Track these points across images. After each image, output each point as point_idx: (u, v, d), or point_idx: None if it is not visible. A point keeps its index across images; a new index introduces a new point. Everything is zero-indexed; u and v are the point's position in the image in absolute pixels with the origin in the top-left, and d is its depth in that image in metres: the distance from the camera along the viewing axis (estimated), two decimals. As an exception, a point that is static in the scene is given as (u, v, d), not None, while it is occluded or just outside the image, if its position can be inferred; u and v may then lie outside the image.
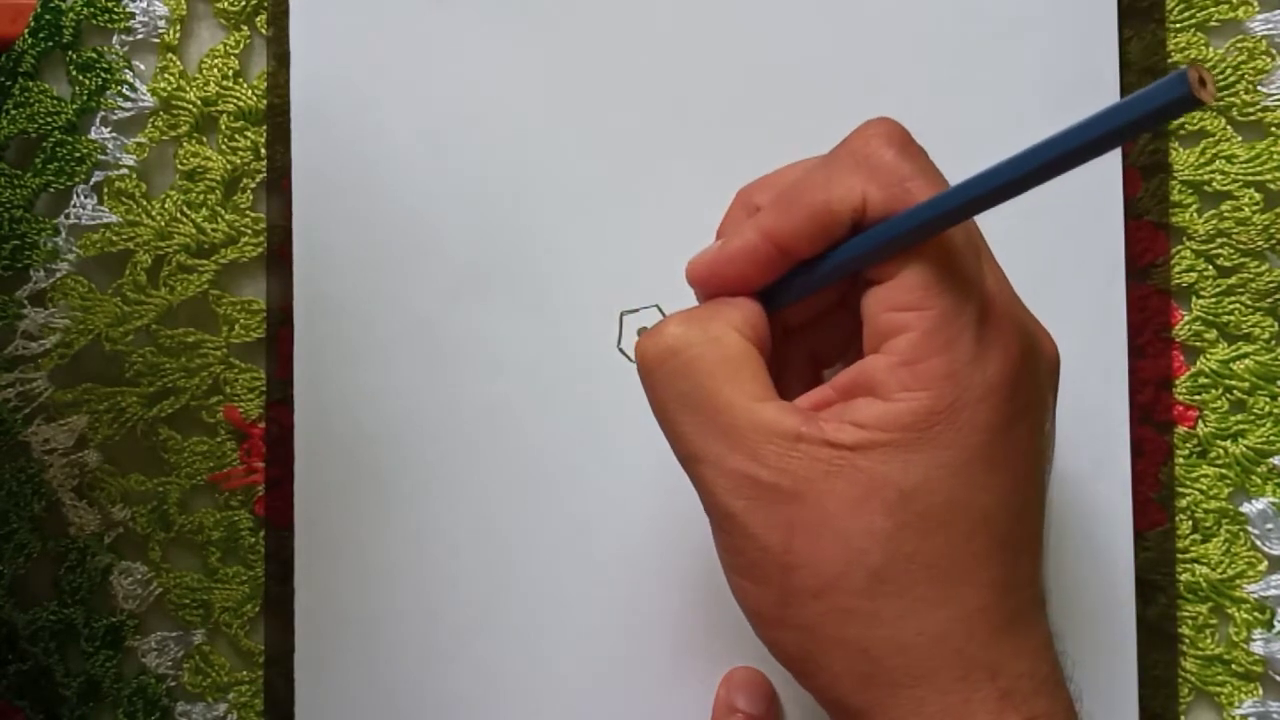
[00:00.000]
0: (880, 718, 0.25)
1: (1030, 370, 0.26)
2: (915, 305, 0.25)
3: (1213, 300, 0.35)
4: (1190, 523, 0.35)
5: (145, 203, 0.36)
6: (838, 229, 0.26)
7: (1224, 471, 0.35)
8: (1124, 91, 0.35)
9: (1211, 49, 0.35)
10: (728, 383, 0.26)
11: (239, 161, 0.36)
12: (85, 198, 0.36)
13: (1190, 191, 0.35)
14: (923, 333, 0.25)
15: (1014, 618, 0.25)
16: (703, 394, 0.26)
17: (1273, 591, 0.34)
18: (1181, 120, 0.35)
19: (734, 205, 0.29)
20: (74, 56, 0.36)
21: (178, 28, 0.36)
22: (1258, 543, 0.35)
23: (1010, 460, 0.25)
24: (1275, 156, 0.35)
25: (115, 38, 0.36)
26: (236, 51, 0.36)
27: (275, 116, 0.35)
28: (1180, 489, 0.35)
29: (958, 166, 0.35)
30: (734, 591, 0.27)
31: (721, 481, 0.26)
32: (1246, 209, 0.35)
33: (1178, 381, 0.35)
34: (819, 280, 0.27)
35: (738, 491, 0.26)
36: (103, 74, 0.36)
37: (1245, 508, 0.35)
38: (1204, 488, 0.35)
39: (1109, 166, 0.34)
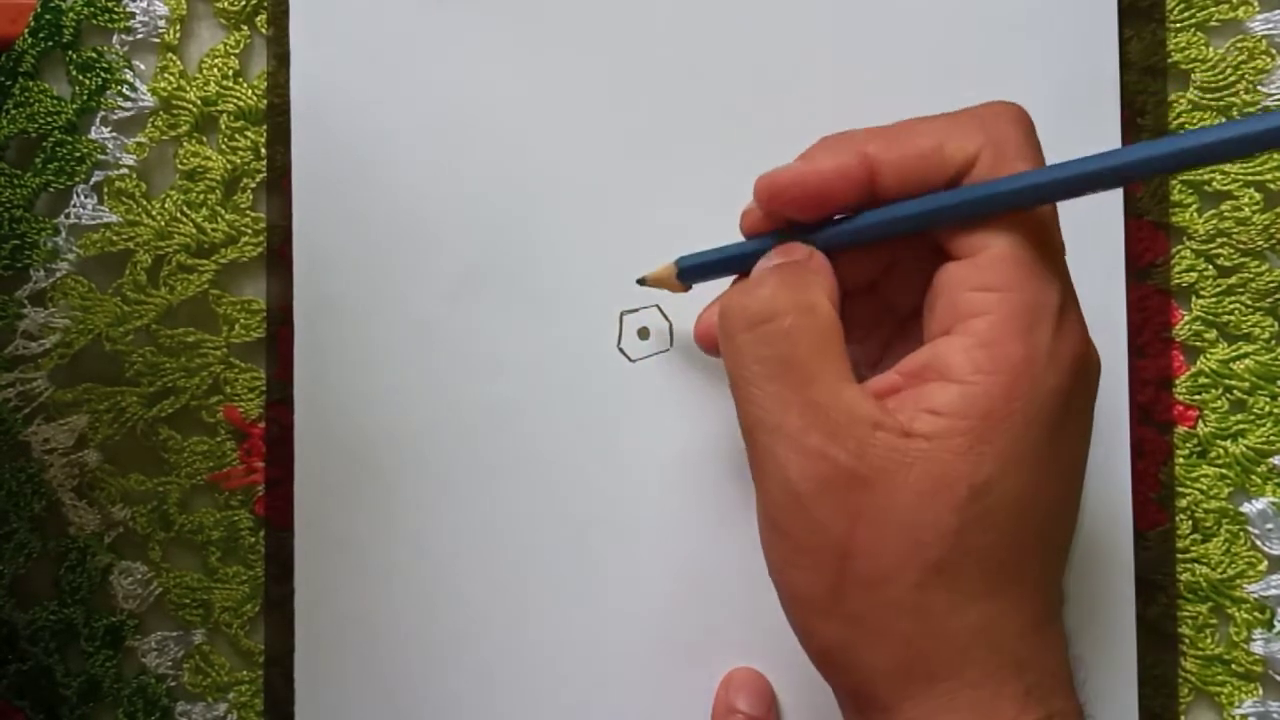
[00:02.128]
0: (910, 711, 0.25)
1: (1090, 372, 0.26)
2: (1000, 286, 0.25)
3: (1213, 300, 0.35)
4: (1190, 523, 0.35)
5: (145, 203, 0.36)
6: (939, 177, 0.25)
7: (1224, 471, 0.35)
8: (1124, 91, 0.35)
9: (1211, 49, 0.35)
10: (819, 357, 0.25)
11: (239, 161, 0.36)
12: (85, 197, 0.36)
13: (1190, 191, 0.35)
14: (1005, 315, 0.24)
15: (1043, 616, 0.25)
16: (793, 364, 0.25)
17: (1273, 591, 0.34)
18: (1181, 120, 0.35)
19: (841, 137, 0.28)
20: (74, 56, 0.36)
21: (178, 27, 0.36)
22: (1258, 543, 0.35)
23: (1063, 459, 0.25)
24: (1275, 156, 0.35)
25: (115, 37, 0.36)
26: (236, 51, 0.36)
27: (275, 116, 0.35)
28: (1180, 489, 0.35)
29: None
30: (778, 576, 0.26)
31: (795, 459, 0.25)
32: (1246, 209, 0.35)
33: (1178, 381, 0.35)
34: (898, 225, 0.26)
35: (811, 471, 0.25)
36: (103, 74, 0.36)
37: (1245, 508, 0.35)
38: (1204, 488, 0.35)
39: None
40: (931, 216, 0.26)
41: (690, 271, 0.31)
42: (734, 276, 0.29)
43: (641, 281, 0.32)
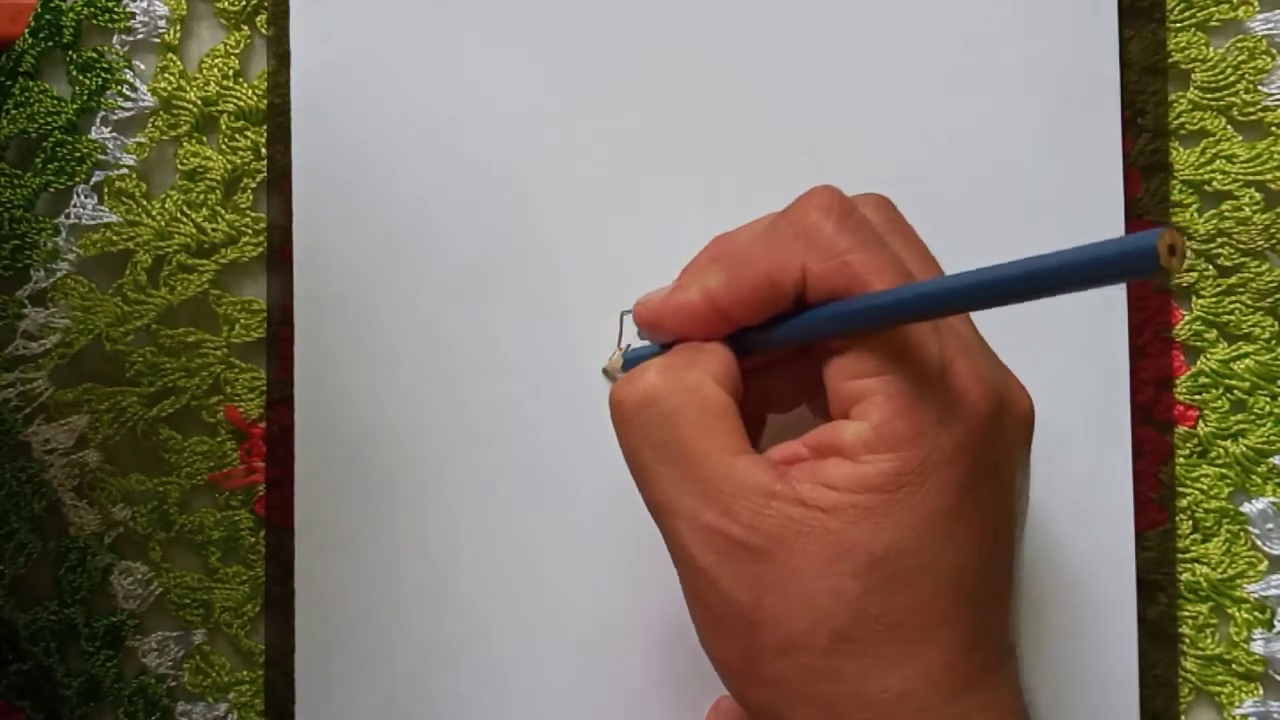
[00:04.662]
0: None
1: (999, 427, 0.26)
2: (875, 370, 0.25)
3: (1213, 300, 0.35)
4: (1190, 522, 0.35)
5: (145, 203, 0.36)
6: (780, 301, 0.26)
7: (1224, 471, 0.35)
8: (1124, 91, 0.35)
9: (1211, 49, 0.35)
10: (704, 434, 0.26)
11: (239, 161, 0.36)
12: (85, 197, 0.36)
13: (1190, 191, 0.35)
14: (886, 396, 0.25)
15: (979, 673, 0.25)
16: (679, 445, 0.26)
17: (1273, 591, 0.34)
18: (1181, 120, 0.35)
19: (704, 251, 0.30)
20: (74, 56, 0.36)
21: (178, 27, 0.36)
22: (1258, 542, 0.35)
23: (979, 518, 0.25)
24: (1275, 156, 0.35)
25: (115, 37, 0.36)
26: (237, 51, 0.36)
27: (275, 116, 0.35)
28: (1180, 489, 0.35)
29: (957, 166, 0.35)
30: (703, 644, 0.27)
31: (692, 536, 0.26)
32: (1247, 209, 0.35)
33: (1178, 381, 0.35)
34: (772, 345, 0.27)
35: (709, 546, 0.25)
36: (103, 74, 0.36)
37: (1245, 507, 0.35)
38: (1204, 487, 0.35)
39: (1109, 166, 0.34)
40: (797, 340, 0.27)
41: (631, 364, 0.31)
42: None
43: (605, 372, 0.34)
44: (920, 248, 0.27)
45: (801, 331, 0.26)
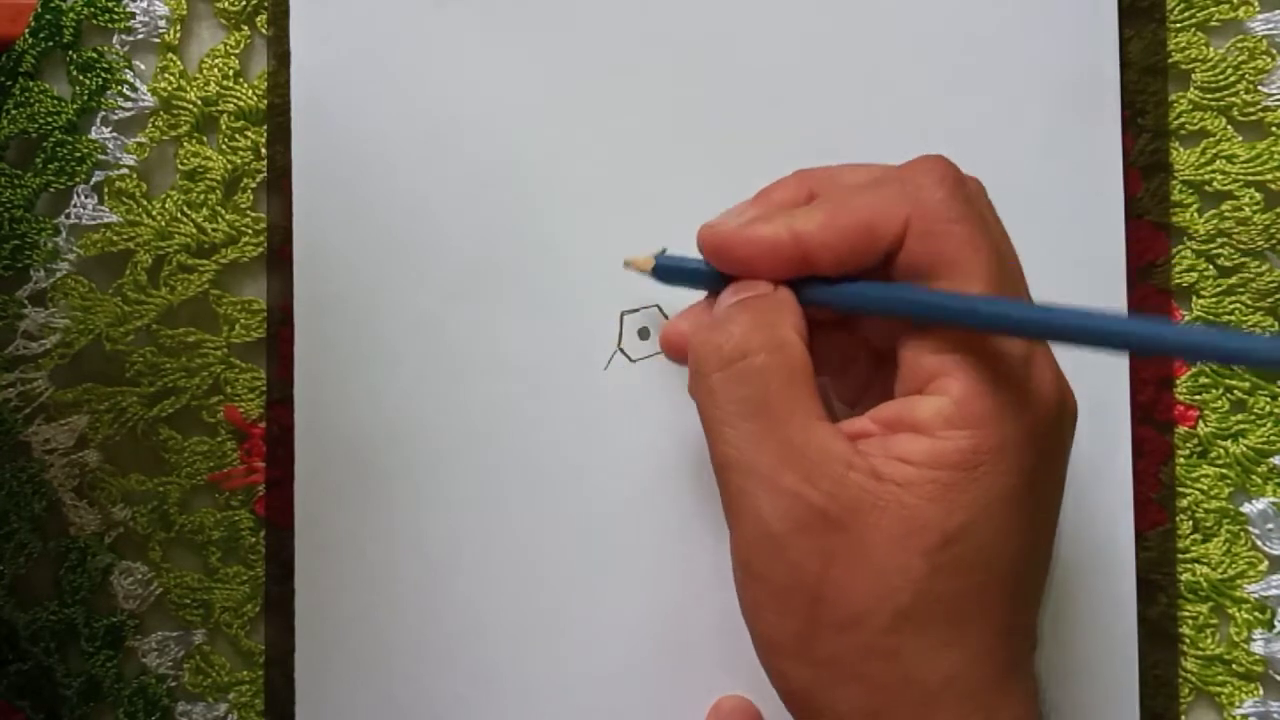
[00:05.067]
0: None
1: (1063, 418, 0.26)
2: (961, 347, 0.25)
3: (1213, 300, 0.35)
4: (1191, 523, 0.35)
5: (145, 203, 0.36)
6: (871, 254, 0.25)
7: (1224, 471, 0.35)
8: (1124, 91, 0.35)
9: (1212, 49, 0.35)
10: (791, 395, 0.25)
11: (239, 161, 0.36)
12: (85, 198, 0.36)
13: (1191, 191, 0.35)
14: (967, 374, 0.24)
15: (1013, 663, 0.25)
16: (765, 403, 0.25)
17: (1273, 591, 0.34)
18: (1182, 120, 0.35)
19: (788, 182, 0.28)
20: (74, 56, 0.36)
21: (178, 27, 0.36)
22: (1258, 542, 0.35)
23: (1036, 506, 0.25)
24: (1276, 156, 0.35)
25: (115, 37, 0.36)
26: (237, 51, 0.36)
27: (275, 116, 0.35)
28: (1181, 489, 0.35)
29: (957, 166, 0.35)
30: (750, 618, 0.26)
31: (769, 498, 0.25)
32: (1247, 209, 0.35)
33: (1178, 381, 0.35)
34: (840, 304, 0.26)
35: (785, 512, 0.25)
36: (103, 74, 0.36)
37: (1246, 508, 0.35)
38: (1204, 487, 0.35)
39: (1109, 166, 0.34)
40: (885, 310, 0.26)
41: (666, 271, 0.30)
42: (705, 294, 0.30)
43: (627, 264, 0.32)
44: (1007, 238, 0.27)
45: (882, 301, 0.26)
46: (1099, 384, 0.34)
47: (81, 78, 0.36)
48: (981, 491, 0.24)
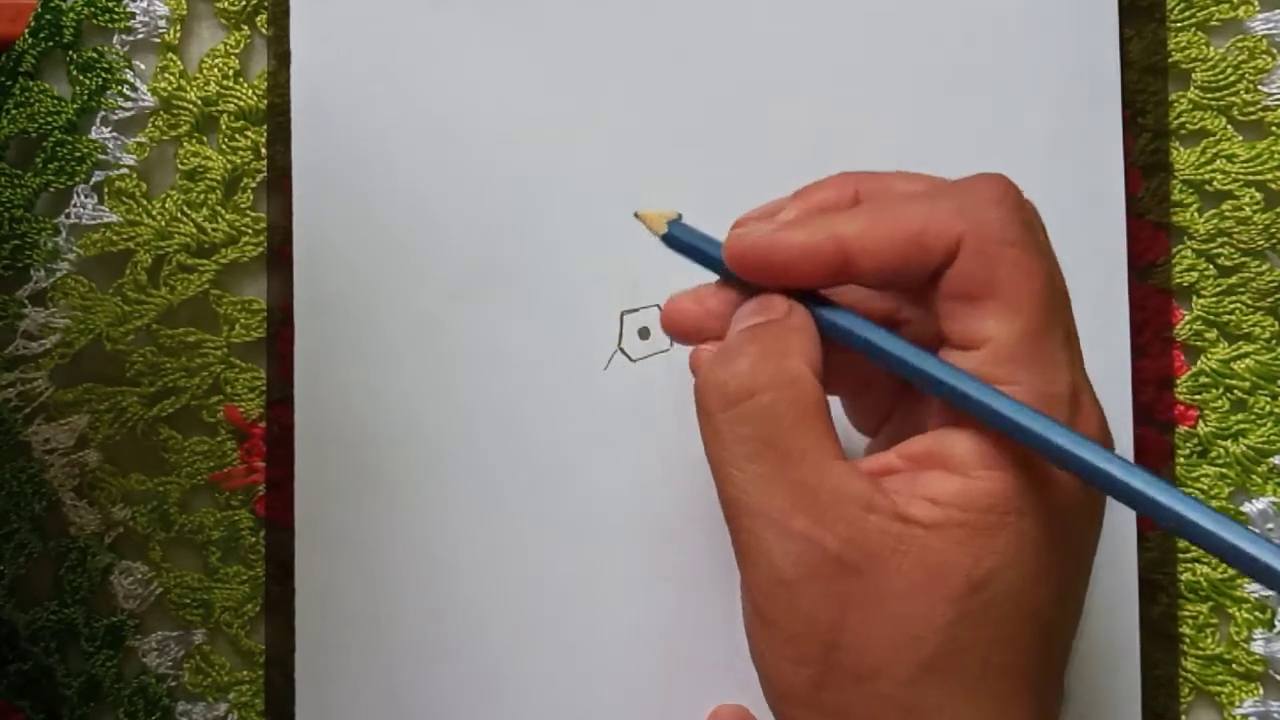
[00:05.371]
0: None
1: None
2: (1005, 379, 0.23)
3: (1213, 300, 0.35)
4: (1191, 522, 0.35)
5: (145, 202, 0.36)
6: (919, 269, 0.24)
7: (1225, 471, 0.35)
8: (1124, 91, 0.35)
9: (1212, 48, 0.35)
10: (803, 434, 0.24)
11: (239, 161, 0.36)
12: (85, 197, 0.36)
13: (1191, 191, 0.35)
14: None
15: (1040, 719, 0.24)
16: (775, 443, 0.24)
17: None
18: (1182, 120, 0.35)
19: (831, 183, 0.27)
20: (74, 56, 0.36)
21: (178, 27, 0.36)
22: (1258, 542, 0.34)
23: (1070, 555, 0.24)
24: (1276, 156, 0.35)
25: (115, 37, 0.36)
26: (237, 51, 0.36)
27: (275, 116, 0.35)
28: (1181, 489, 0.35)
29: (958, 167, 0.35)
30: (760, 664, 0.25)
31: (780, 543, 0.23)
32: (1247, 208, 0.35)
33: (1178, 381, 0.35)
34: (865, 349, 0.25)
35: (798, 557, 0.23)
36: (103, 74, 0.36)
37: (1246, 507, 0.35)
38: (1205, 487, 0.35)
39: (1110, 166, 0.34)
40: (906, 368, 0.24)
41: (677, 242, 0.28)
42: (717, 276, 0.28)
43: (637, 215, 0.29)
44: (1058, 267, 0.25)
45: (907, 365, 0.24)
46: (1099, 384, 0.34)
47: (81, 78, 0.36)
48: (1014, 537, 0.23)
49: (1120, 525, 0.34)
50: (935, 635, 0.23)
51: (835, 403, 0.29)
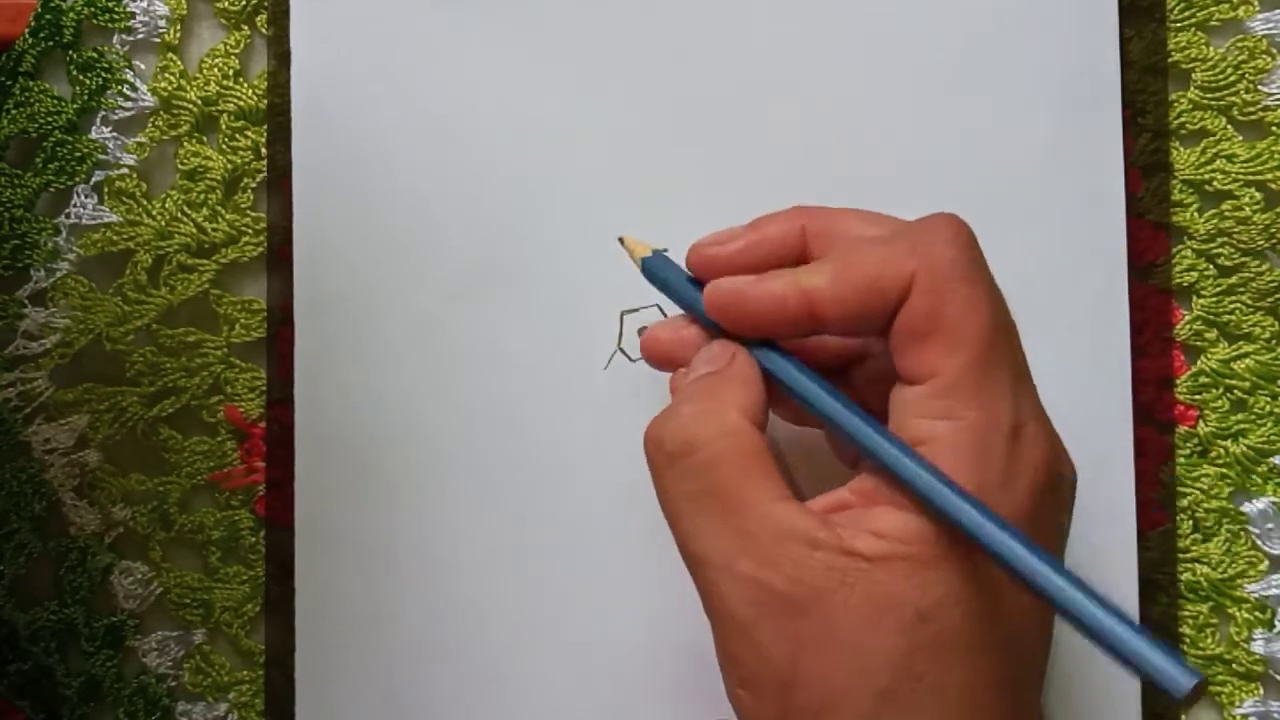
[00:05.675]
0: None
1: (1056, 488, 0.25)
2: (947, 414, 0.24)
3: (1213, 300, 0.35)
4: (1191, 522, 0.35)
5: (145, 202, 0.36)
6: (879, 312, 0.25)
7: (1225, 471, 0.35)
8: (1124, 91, 0.35)
9: (1212, 48, 0.35)
10: (744, 482, 0.25)
11: (239, 161, 0.36)
12: (85, 197, 0.36)
13: (1191, 191, 0.35)
14: (952, 446, 0.24)
15: None
16: (718, 495, 0.25)
17: (1273, 591, 0.34)
18: (1182, 120, 0.35)
19: (783, 217, 0.28)
20: (74, 56, 0.36)
21: (178, 27, 0.36)
22: (1258, 542, 0.35)
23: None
24: (1276, 156, 0.35)
25: (115, 37, 0.36)
26: (237, 51, 0.36)
27: (275, 116, 0.35)
28: (1181, 489, 0.35)
29: (958, 166, 0.35)
30: (730, 699, 0.26)
31: (730, 587, 0.24)
32: (1247, 208, 0.35)
33: (1178, 381, 0.35)
34: (811, 405, 0.26)
35: (747, 598, 0.24)
36: (103, 74, 0.36)
37: (1246, 507, 0.35)
38: (1205, 487, 0.35)
39: (1110, 166, 0.34)
40: (849, 429, 0.25)
41: (652, 273, 0.30)
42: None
43: (620, 240, 0.31)
44: (1006, 306, 0.26)
45: (848, 426, 0.25)
46: (1099, 384, 0.34)
47: (81, 78, 0.36)
48: (957, 568, 0.23)
49: (1120, 526, 0.34)
50: (889, 666, 0.23)
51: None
